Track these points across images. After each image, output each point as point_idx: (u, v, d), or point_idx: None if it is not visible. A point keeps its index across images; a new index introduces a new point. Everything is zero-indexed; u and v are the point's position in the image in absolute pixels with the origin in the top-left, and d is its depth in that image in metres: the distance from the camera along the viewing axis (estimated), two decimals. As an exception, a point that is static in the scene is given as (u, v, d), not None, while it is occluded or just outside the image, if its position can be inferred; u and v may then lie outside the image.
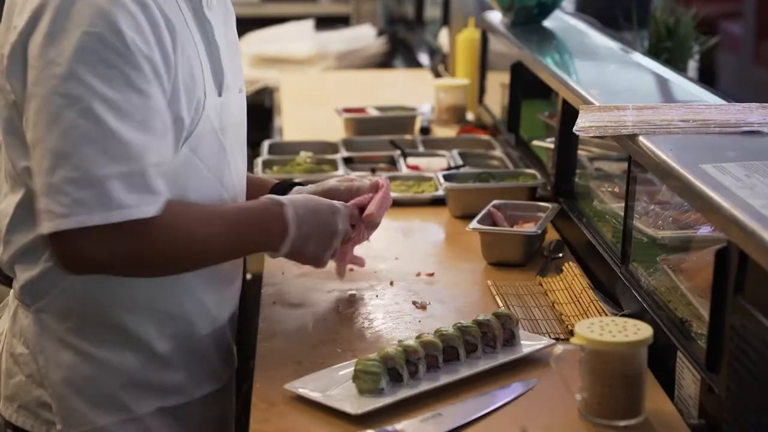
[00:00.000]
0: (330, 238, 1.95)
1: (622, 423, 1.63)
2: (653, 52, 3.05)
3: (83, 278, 1.76)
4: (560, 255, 2.34)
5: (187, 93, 1.77)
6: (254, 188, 2.05)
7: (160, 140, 1.71)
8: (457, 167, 2.87)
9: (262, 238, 1.88)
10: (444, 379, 1.76)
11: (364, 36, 5.27)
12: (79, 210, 1.63)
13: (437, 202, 2.68)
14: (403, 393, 1.71)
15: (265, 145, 3.11)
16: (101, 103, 1.64)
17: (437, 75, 4.24)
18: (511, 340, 1.86)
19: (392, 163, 3.01)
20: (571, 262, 2.24)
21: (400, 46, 5.47)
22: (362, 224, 2.06)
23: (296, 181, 2.22)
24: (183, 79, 1.76)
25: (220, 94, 1.86)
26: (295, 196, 1.97)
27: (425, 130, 3.40)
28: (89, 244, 1.66)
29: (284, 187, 2.12)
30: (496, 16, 3.36)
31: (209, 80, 1.84)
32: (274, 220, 1.87)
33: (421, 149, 3.11)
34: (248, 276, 3.11)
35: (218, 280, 1.91)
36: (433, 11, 5.48)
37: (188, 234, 1.76)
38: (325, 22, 5.62)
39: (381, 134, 3.23)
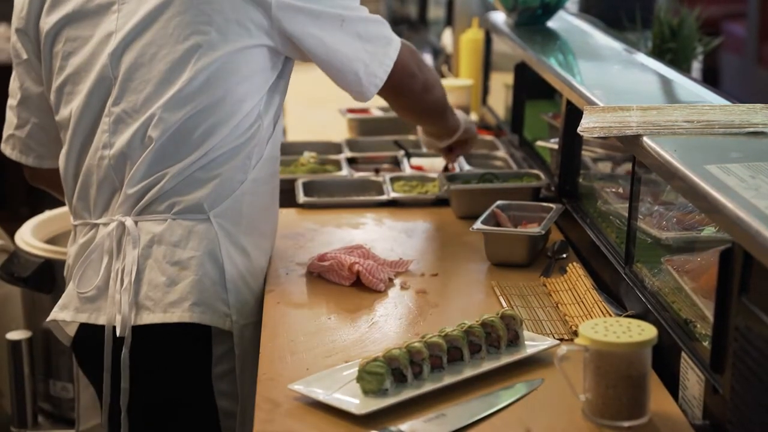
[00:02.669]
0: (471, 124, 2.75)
1: (627, 424, 1.63)
2: (657, 53, 3.05)
3: (251, 186, 2.14)
4: (564, 256, 2.34)
5: None
6: None
7: None
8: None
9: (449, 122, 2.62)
10: (448, 379, 1.76)
11: (368, 36, 5.26)
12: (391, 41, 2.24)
13: (441, 202, 2.68)
14: (407, 393, 1.72)
15: (269, 145, 3.11)
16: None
17: (441, 75, 4.23)
18: (515, 341, 1.86)
19: (396, 164, 3.01)
20: (575, 263, 2.24)
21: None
22: None
23: None
24: None
25: None
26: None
27: (429, 131, 3.40)
28: (407, 62, 2.28)
29: None
30: (499, 17, 3.36)
31: None
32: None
33: (424, 149, 3.10)
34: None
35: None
36: (436, 12, 5.48)
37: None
38: (329, 23, 5.61)
39: (385, 135, 3.23)
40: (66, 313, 2.11)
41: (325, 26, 2.14)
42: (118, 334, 2.04)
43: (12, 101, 2.27)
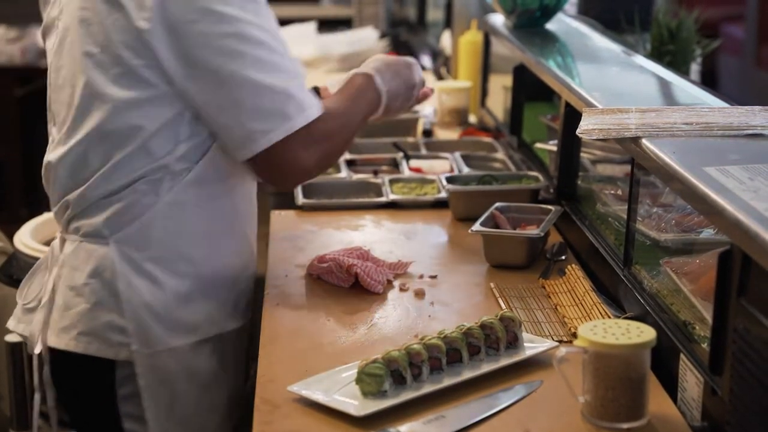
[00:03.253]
0: (411, 91, 2.27)
1: (625, 425, 1.63)
2: (655, 55, 3.05)
3: (166, 210, 1.99)
4: (563, 257, 2.34)
5: None
6: None
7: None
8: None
9: (368, 108, 2.18)
10: (447, 381, 1.76)
11: (367, 38, 5.28)
12: (284, 121, 1.94)
13: (440, 204, 2.69)
14: (407, 395, 1.72)
15: (268, 147, 3.11)
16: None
17: (440, 77, 4.24)
18: (514, 343, 1.86)
19: (395, 166, 3.01)
20: (573, 265, 2.25)
21: (403, 49, 5.47)
22: None
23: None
24: None
25: None
26: (376, 62, 2.23)
27: (428, 133, 3.41)
28: (296, 149, 1.97)
29: None
30: (498, 19, 3.36)
31: None
32: (372, 91, 2.19)
33: (423, 152, 3.11)
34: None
35: (256, 220, 2.19)
36: (435, 14, 5.48)
37: (344, 116, 2.10)
38: (328, 25, 5.63)
39: (383, 136, 3.23)
40: (11, 322, 2.15)
41: (207, 80, 1.93)
42: (29, 351, 2.07)
43: None
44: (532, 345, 1.88)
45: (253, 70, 1.92)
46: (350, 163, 2.99)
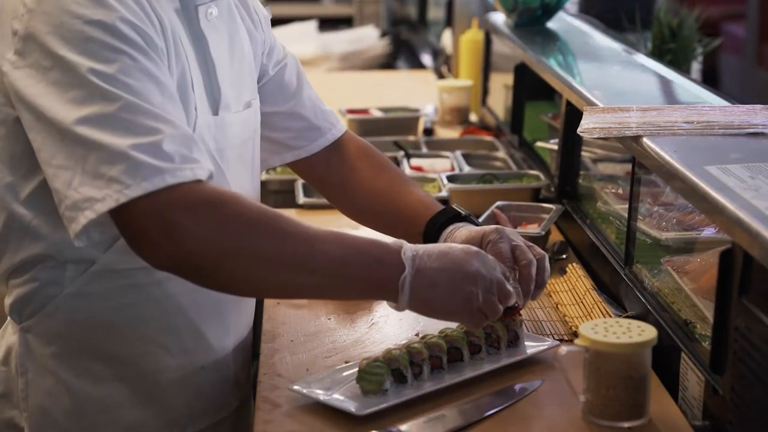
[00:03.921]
0: (465, 282, 1.64)
1: (626, 424, 1.63)
2: (656, 54, 3.05)
3: (71, 302, 1.69)
4: (564, 256, 2.34)
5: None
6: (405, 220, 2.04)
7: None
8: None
9: (372, 272, 1.61)
10: (448, 380, 1.76)
11: (368, 37, 5.28)
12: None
13: (440, 203, 2.68)
14: (407, 394, 1.71)
15: (269, 146, 3.11)
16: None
17: (440, 76, 4.24)
18: (515, 342, 1.86)
19: (396, 164, 3.01)
20: (574, 264, 2.24)
21: (404, 48, 5.48)
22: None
23: (462, 213, 1.95)
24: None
25: (215, 113, 1.75)
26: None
27: (428, 132, 3.41)
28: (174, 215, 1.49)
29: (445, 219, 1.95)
30: (499, 18, 3.36)
31: (201, 98, 1.72)
32: (389, 253, 1.62)
33: (424, 150, 3.11)
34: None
35: (220, 308, 1.81)
36: (436, 12, 5.48)
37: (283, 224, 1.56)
38: (329, 24, 5.63)
39: (384, 135, 3.23)
40: None
41: (42, 130, 1.55)
42: None
43: None
44: (533, 344, 1.88)
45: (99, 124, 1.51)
46: (351, 162, 2.98)
